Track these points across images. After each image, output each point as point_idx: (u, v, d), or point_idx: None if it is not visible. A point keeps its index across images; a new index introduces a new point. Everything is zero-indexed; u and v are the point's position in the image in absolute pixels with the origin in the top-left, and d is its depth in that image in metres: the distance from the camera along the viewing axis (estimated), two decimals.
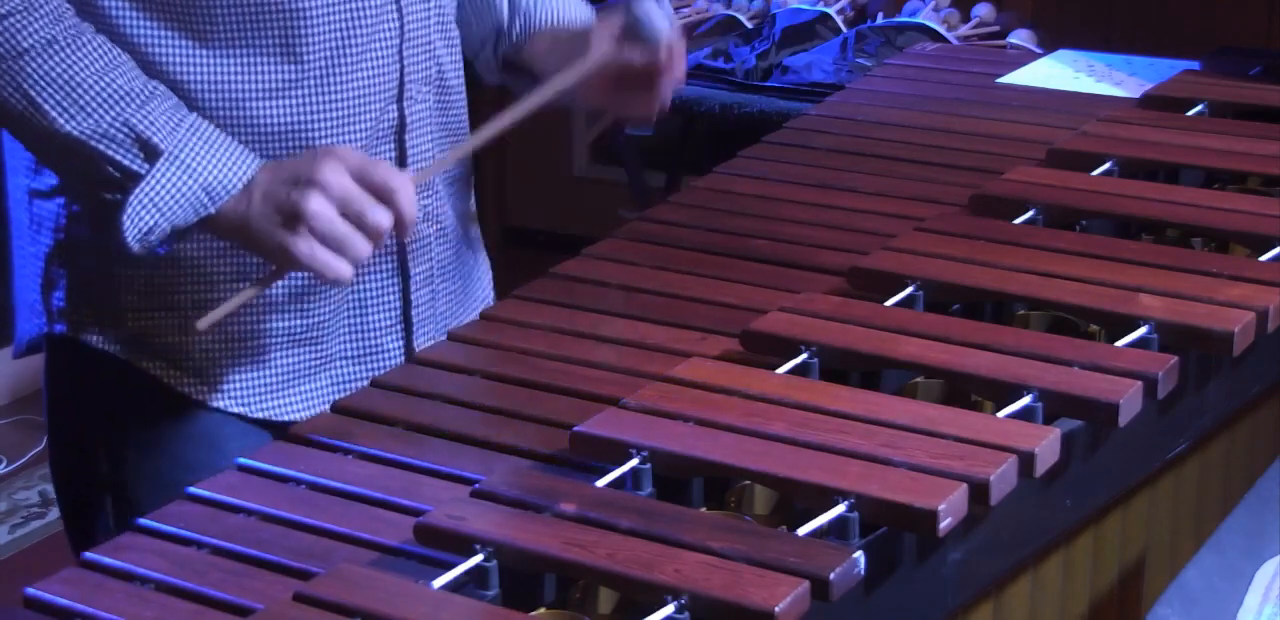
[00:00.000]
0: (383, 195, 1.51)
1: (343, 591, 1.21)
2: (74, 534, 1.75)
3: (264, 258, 1.57)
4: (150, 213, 1.53)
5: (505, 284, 1.76)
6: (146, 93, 1.54)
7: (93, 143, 1.52)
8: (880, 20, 3.17)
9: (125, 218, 1.52)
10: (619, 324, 1.64)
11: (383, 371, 1.70)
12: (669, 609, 1.17)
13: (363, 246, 1.51)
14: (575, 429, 1.37)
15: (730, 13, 3.26)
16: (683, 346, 1.58)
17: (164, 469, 1.67)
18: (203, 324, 1.54)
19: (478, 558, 1.23)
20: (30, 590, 1.28)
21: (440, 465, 1.42)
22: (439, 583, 1.22)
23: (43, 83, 1.51)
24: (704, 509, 1.35)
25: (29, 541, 3.35)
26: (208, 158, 1.54)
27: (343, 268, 1.51)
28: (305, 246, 1.50)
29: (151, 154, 1.53)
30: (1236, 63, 2.21)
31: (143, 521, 1.36)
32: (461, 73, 1.79)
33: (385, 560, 1.29)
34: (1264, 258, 1.65)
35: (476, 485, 1.31)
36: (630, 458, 1.34)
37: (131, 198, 1.52)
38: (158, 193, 1.53)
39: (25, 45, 1.50)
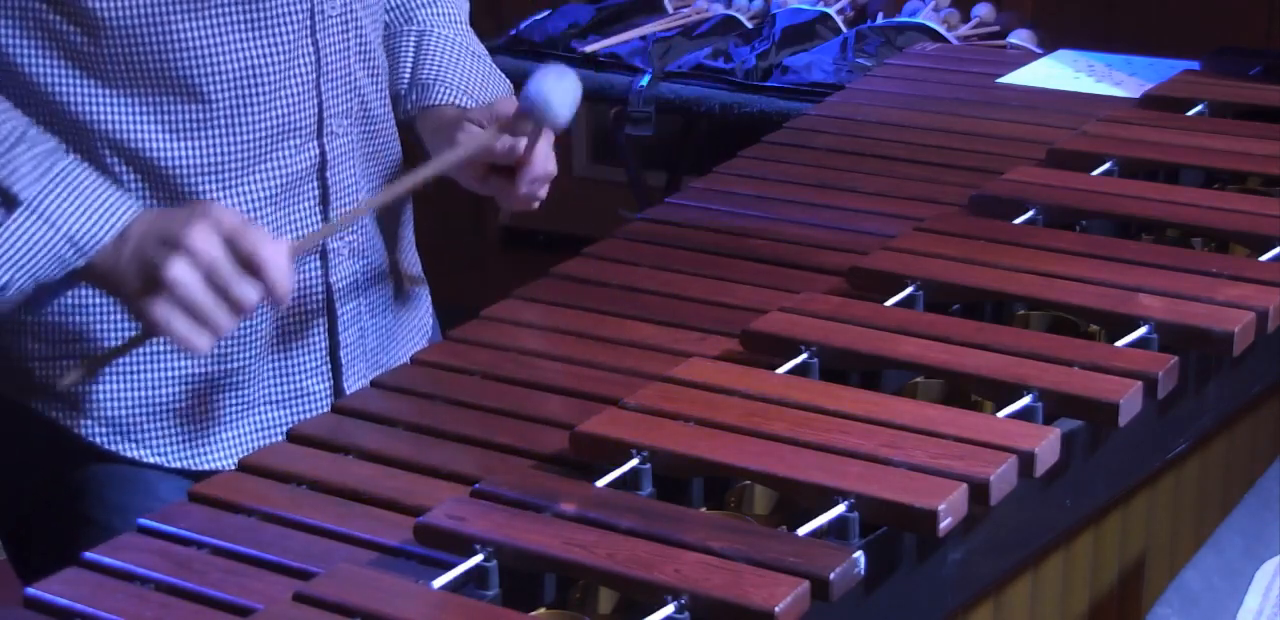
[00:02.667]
0: (251, 267, 1.43)
1: (343, 591, 1.20)
2: (19, 566, 1.71)
3: (131, 316, 1.50)
4: (4, 267, 1.45)
5: (505, 284, 1.75)
6: (14, 138, 1.46)
7: None
8: (880, 20, 3.17)
9: None
10: (619, 324, 1.64)
11: (308, 416, 1.64)
12: (669, 609, 1.17)
13: (224, 320, 1.43)
14: (575, 429, 1.37)
15: (730, 13, 3.26)
16: (683, 346, 1.58)
17: (96, 513, 1.61)
18: (64, 384, 1.48)
19: (478, 558, 1.23)
20: (30, 590, 1.28)
21: (440, 465, 1.42)
22: (439, 583, 1.22)
23: None
24: (704, 509, 1.35)
25: None
26: (73, 207, 1.45)
27: (200, 340, 1.43)
28: (162, 313, 1.42)
29: (9, 203, 1.45)
30: (1236, 63, 2.21)
31: (143, 521, 1.36)
32: (388, 100, 1.73)
33: (385, 560, 1.29)
34: (1264, 258, 1.65)
35: (476, 485, 1.31)
36: (630, 458, 1.34)
37: None
38: (13, 245, 1.44)
39: None
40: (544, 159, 1.66)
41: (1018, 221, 1.75)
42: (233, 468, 1.45)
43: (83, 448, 1.62)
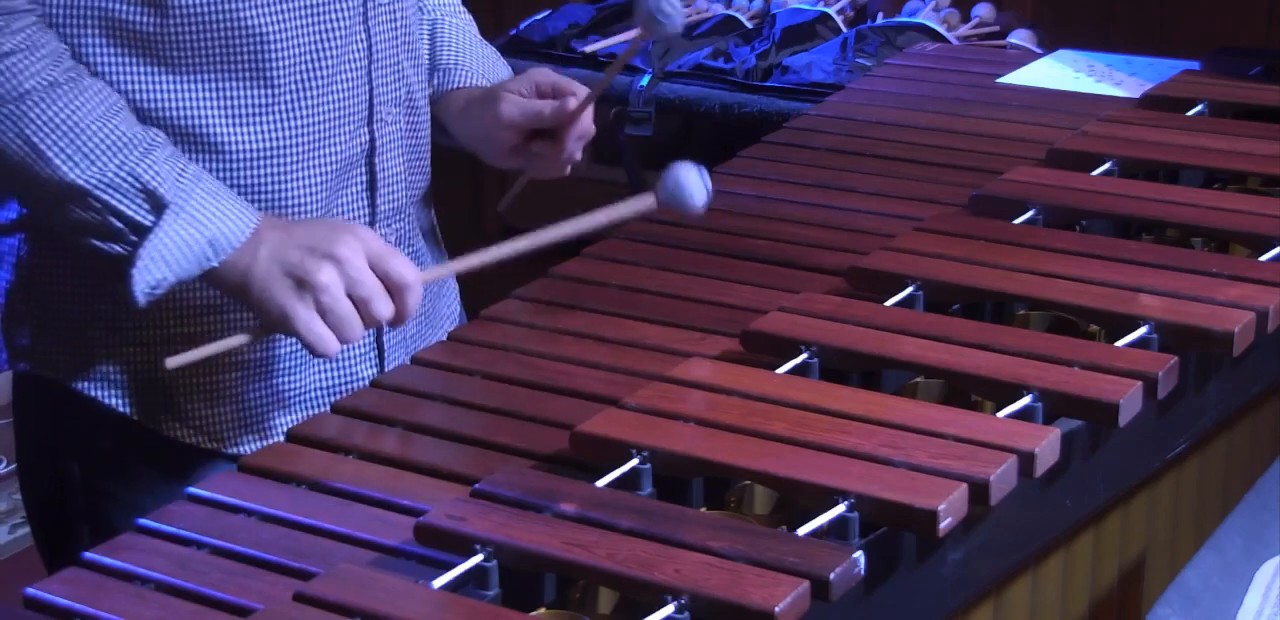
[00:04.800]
0: (392, 289, 1.49)
1: (343, 591, 1.21)
2: (48, 558, 1.73)
3: (256, 314, 1.53)
4: (159, 267, 1.49)
5: (505, 284, 1.75)
6: (149, 141, 1.50)
7: (98, 192, 1.48)
8: (880, 20, 3.16)
9: (135, 272, 1.49)
10: (619, 324, 1.64)
11: None
12: (669, 609, 1.17)
13: (357, 330, 1.49)
14: (575, 429, 1.37)
15: (730, 13, 3.26)
16: (683, 346, 1.58)
17: (143, 502, 1.60)
18: (171, 363, 1.50)
19: (478, 558, 1.23)
20: (30, 590, 1.28)
21: (440, 465, 1.42)
22: (439, 583, 1.22)
23: (47, 128, 1.47)
24: (704, 509, 1.35)
25: (29, 541, 3.33)
26: (212, 210, 1.50)
27: (332, 345, 1.48)
28: (305, 315, 1.47)
29: (158, 206, 1.49)
30: (1236, 63, 2.21)
31: (143, 521, 1.36)
32: (427, 93, 1.78)
33: (385, 560, 1.29)
34: (1264, 258, 1.65)
35: (476, 485, 1.31)
36: (630, 458, 1.34)
37: (141, 252, 1.48)
38: (166, 246, 1.49)
39: (27, 87, 1.46)
40: (589, 118, 1.74)
41: (1018, 221, 1.75)
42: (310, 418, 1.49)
43: (139, 435, 1.64)
